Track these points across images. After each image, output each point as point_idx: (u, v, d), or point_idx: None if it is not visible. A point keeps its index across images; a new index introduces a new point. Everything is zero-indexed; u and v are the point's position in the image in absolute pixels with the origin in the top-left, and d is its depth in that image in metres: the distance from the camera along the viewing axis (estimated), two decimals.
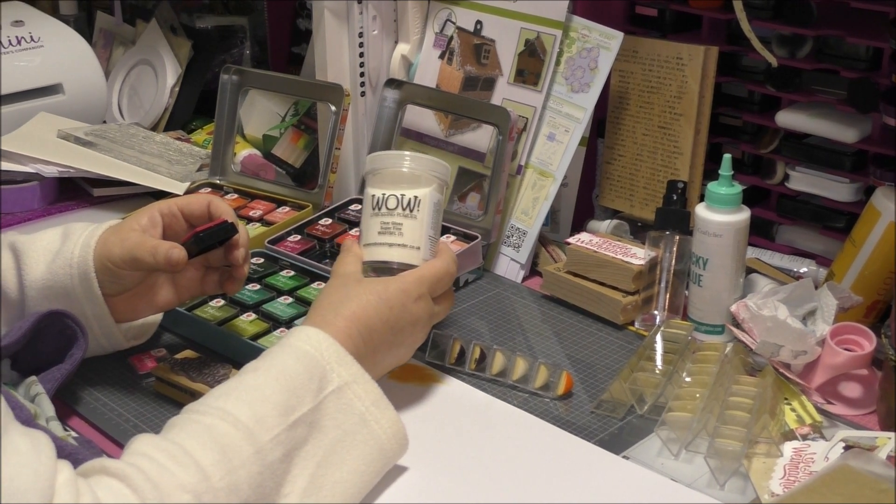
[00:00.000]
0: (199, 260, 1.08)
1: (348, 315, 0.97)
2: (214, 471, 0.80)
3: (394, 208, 1.04)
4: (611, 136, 1.38)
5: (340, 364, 0.92)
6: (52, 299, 1.05)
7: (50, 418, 0.96)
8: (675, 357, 1.08)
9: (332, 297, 0.99)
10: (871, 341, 1.06)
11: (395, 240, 1.04)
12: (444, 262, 1.06)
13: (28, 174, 1.50)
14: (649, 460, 0.97)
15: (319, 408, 0.89)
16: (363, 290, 1.00)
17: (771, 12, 1.23)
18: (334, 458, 0.89)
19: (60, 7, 1.89)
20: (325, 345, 0.93)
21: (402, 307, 1.00)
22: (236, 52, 1.82)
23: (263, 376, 0.89)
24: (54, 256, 1.05)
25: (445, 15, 1.44)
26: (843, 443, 0.93)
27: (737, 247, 1.14)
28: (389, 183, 1.05)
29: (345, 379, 0.91)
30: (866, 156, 1.23)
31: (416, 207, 1.04)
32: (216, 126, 1.49)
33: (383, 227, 1.04)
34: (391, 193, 1.04)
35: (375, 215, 1.05)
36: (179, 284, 1.08)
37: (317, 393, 0.89)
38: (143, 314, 1.09)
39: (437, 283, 1.04)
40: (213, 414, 0.84)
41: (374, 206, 1.05)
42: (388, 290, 1.00)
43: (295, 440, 0.86)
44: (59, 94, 1.66)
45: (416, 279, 1.03)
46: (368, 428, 0.91)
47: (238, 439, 0.83)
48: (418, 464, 0.96)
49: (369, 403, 0.92)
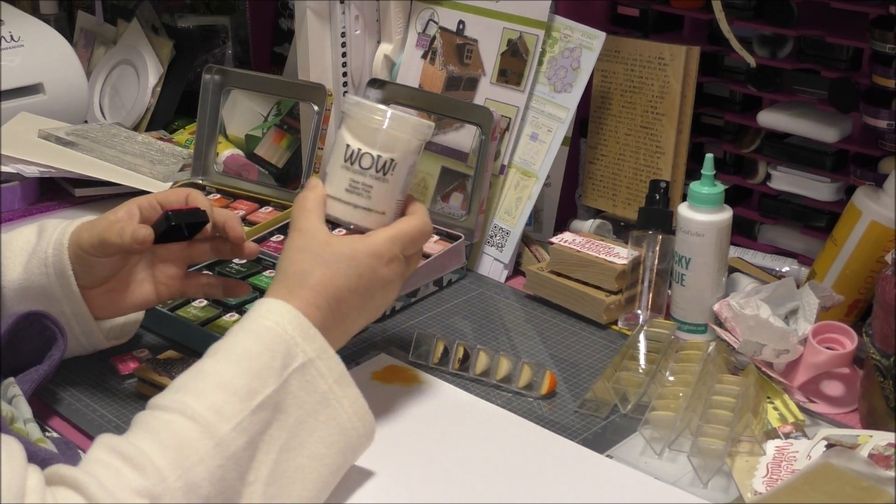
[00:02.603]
0: (181, 255, 1.07)
1: (314, 285, 0.93)
2: (171, 470, 0.78)
3: (367, 168, 0.98)
4: (593, 135, 1.38)
5: (305, 339, 0.89)
6: (29, 300, 1.04)
7: (27, 420, 0.96)
8: (659, 356, 1.08)
9: (296, 263, 0.94)
10: (853, 340, 1.06)
11: (361, 202, 0.99)
12: (418, 220, 1.00)
13: (8, 174, 1.49)
14: (633, 459, 0.98)
15: (283, 387, 0.86)
16: (330, 255, 0.94)
17: (752, 12, 1.23)
18: (295, 442, 0.86)
19: (41, 6, 1.88)
20: (287, 318, 0.89)
21: (373, 272, 0.96)
22: (218, 51, 1.82)
23: (223, 360, 0.86)
24: (29, 256, 1.04)
25: (428, 15, 1.44)
26: (825, 441, 0.94)
27: (719, 246, 1.14)
28: (366, 136, 0.99)
29: (309, 355, 0.88)
30: (847, 155, 1.23)
31: (391, 171, 0.99)
32: (198, 126, 1.49)
33: (352, 185, 0.99)
34: (367, 151, 0.98)
35: (346, 168, 0.99)
36: (158, 281, 1.07)
37: (280, 371, 0.86)
38: (122, 310, 1.08)
39: (411, 243, 0.99)
40: (171, 408, 0.83)
41: (346, 156, 0.99)
42: (357, 255, 0.95)
43: (258, 424, 0.84)
44: (40, 93, 1.65)
45: (388, 239, 0.97)
46: (330, 408, 0.89)
47: (196, 434, 0.81)
48: (401, 464, 0.96)
49: (332, 381, 0.89)
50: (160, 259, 1.07)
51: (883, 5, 1.13)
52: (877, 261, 1.12)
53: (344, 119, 1.01)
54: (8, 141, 1.52)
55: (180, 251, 1.07)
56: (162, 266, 1.07)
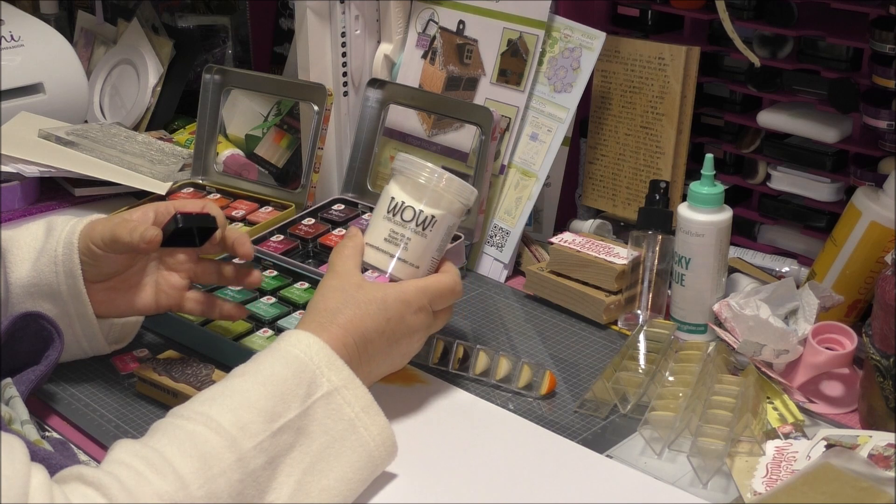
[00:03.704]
0: (187, 268, 1.07)
1: (344, 323, 0.95)
2: (193, 479, 0.79)
3: (409, 221, 1.02)
4: (593, 136, 1.38)
5: (331, 369, 0.91)
6: (36, 297, 1.05)
7: (24, 422, 0.95)
8: (658, 356, 1.08)
9: (328, 301, 0.97)
10: (853, 340, 1.06)
11: (398, 252, 1.02)
12: (449, 278, 1.03)
13: (8, 174, 1.49)
14: (632, 459, 0.98)
15: (307, 413, 0.88)
16: (362, 297, 0.98)
17: (752, 13, 1.23)
18: (321, 465, 0.88)
19: (41, 6, 1.88)
20: (315, 349, 0.92)
21: (401, 318, 0.99)
22: (218, 51, 1.82)
23: (251, 381, 0.88)
24: (38, 254, 1.05)
25: (428, 15, 1.44)
26: (824, 441, 0.94)
27: (719, 246, 1.14)
28: (412, 191, 1.02)
29: (335, 384, 0.90)
30: (847, 156, 1.23)
31: (430, 227, 1.02)
32: (198, 126, 1.49)
33: (392, 235, 1.02)
34: (410, 205, 1.02)
35: (388, 220, 1.02)
36: (161, 288, 1.07)
37: (304, 398, 0.88)
38: (119, 310, 1.07)
39: (440, 298, 1.02)
40: (196, 420, 0.84)
41: (389, 208, 1.03)
42: (387, 300, 0.98)
43: (280, 447, 0.86)
44: (40, 93, 1.65)
45: (418, 290, 1.00)
46: (357, 434, 0.90)
47: (220, 447, 0.82)
48: (401, 464, 0.96)
49: (359, 409, 0.91)
50: (167, 267, 1.08)
51: (883, 5, 1.13)
52: (877, 261, 1.12)
53: (393, 174, 1.04)
54: (8, 141, 1.52)
55: (188, 263, 1.08)
56: (167, 275, 1.08)
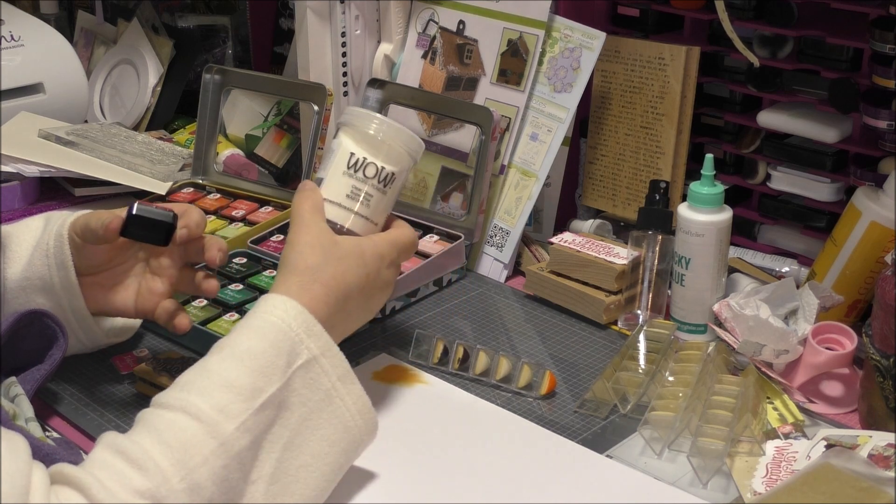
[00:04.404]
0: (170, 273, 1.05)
1: (326, 280, 0.94)
2: (174, 471, 0.79)
3: (371, 177, 1.00)
4: (593, 136, 1.38)
5: (309, 335, 0.89)
6: (30, 291, 1.05)
7: (29, 419, 0.96)
8: (658, 356, 1.08)
9: (307, 258, 0.94)
10: (853, 340, 1.06)
11: (360, 209, 1.01)
12: (409, 231, 1.04)
13: (8, 174, 1.49)
14: (632, 459, 0.98)
15: (287, 385, 0.87)
16: (341, 252, 0.96)
17: (752, 13, 1.23)
18: (298, 440, 0.87)
19: (41, 6, 1.88)
20: (293, 314, 0.89)
21: (377, 272, 0.98)
22: (218, 51, 1.82)
23: (229, 359, 0.86)
24: (34, 249, 1.05)
25: (428, 15, 1.44)
26: (824, 441, 0.94)
27: (719, 246, 1.14)
28: (368, 146, 1.01)
29: (313, 352, 0.89)
30: (847, 156, 1.23)
31: (391, 184, 1.02)
32: (198, 126, 1.49)
33: (354, 191, 1.00)
34: (372, 161, 1.01)
35: (349, 175, 1.00)
36: (141, 292, 1.06)
37: (285, 369, 0.87)
38: (102, 307, 1.07)
39: (405, 250, 1.03)
40: (175, 406, 0.83)
41: (350, 164, 1.01)
42: (364, 255, 0.97)
43: (262, 424, 0.84)
44: (40, 93, 1.65)
45: (390, 242, 1.00)
46: (333, 405, 0.89)
47: (201, 434, 0.81)
48: (402, 464, 0.96)
49: (335, 378, 0.89)
50: (152, 270, 1.06)
51: (883, 5, 1.13)
52: (877, 261, 1.12)
53: (343, 128, 1.02)
54: (8, 141, 1.51)
55: (171, 269, 1.06)
56: (150, 278, 1.06)
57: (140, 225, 1.01)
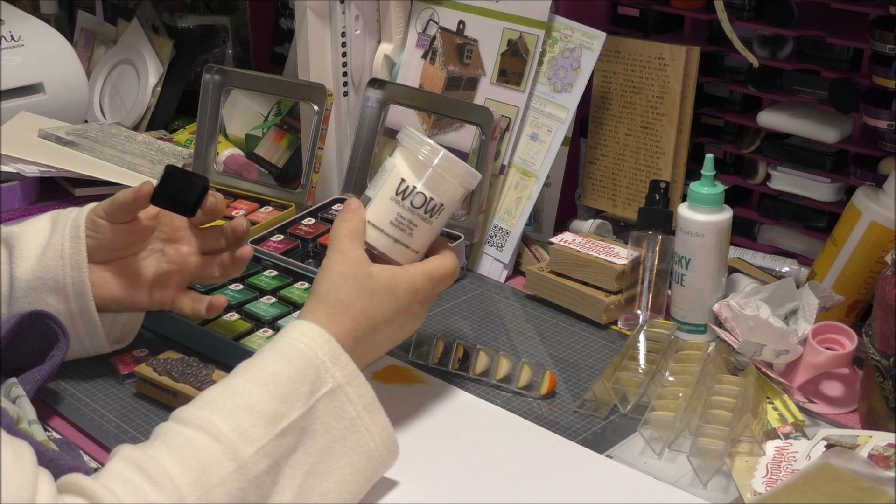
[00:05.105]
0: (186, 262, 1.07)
1: (356, 315, 0.93)
2: (191, 491, 0.78)
3: (418, 207, 0.98)
4: (593, 136, 1.38)
5: (335, 364, 0.89)
6: (41, 291, 1.05)
7: (32, 421, 0.96)
8: (658, 356, 1.08)
9: (340, 290, 0.94)
10: (853, 340, 1.06)
11: (403, 238, 0.99)
12: (450, 261, 1.01)
13: (8, 174, 1.49)
14: (632, 459, 0.98)
15: (311, 412, 0.86)
16: (374, 286, 0.95)
17: (752, 13, 1.23)
18: (322, 467, 0.87)
19: (41, 6, 1.88)
20: (320, 342, 0.89)
21: (408, 307, 0.97)
22: (218, 51, 1.82)
23: (253, 381, 0.86)
24: (44, 249, 1.05)
25: (428, 15, 1.44)
26: (824, 441, 0.94)
27: (719, 246, 1.14)
28: (420, 174, 0.99)
29: (338, 381, 0.89)
30: (847, 156, 1.23)
31: (437, 215, 1.00)
32: (198, 126, 1.49)
33: (398, 220, 0.98)
34: (421, 191, 0.98)
35: (396, 202, 0.98)
36: (157, 281, 1.07)
37: (308, 396, 0.87)
38: (115, 296, 1.07)
39: (441, 283, 1.00)
40: (196, 425, 0.82)
41: (399, 190, 0.98)
42: (398, 290, 0.96)
43: (283, 449, 0.84)
44: (40, 93, 1.65)
45: (425, 276, 0.98)
46: (357, 434, 0.89)
47: (219, 455, 0.81)
48: (401, 464, 0.96)
49: (360, 408, 0.89)
50: (168, 259, 1.08)
51: (883, 6, 1.13)
52: (877, 261, 1.12)
53: (399, 148, 1.00)
54: (8, 141, 1.52)
55: (189, 257, 1.07)
56: (167, 267, 1.08)
57: (173, 187, 1.02)
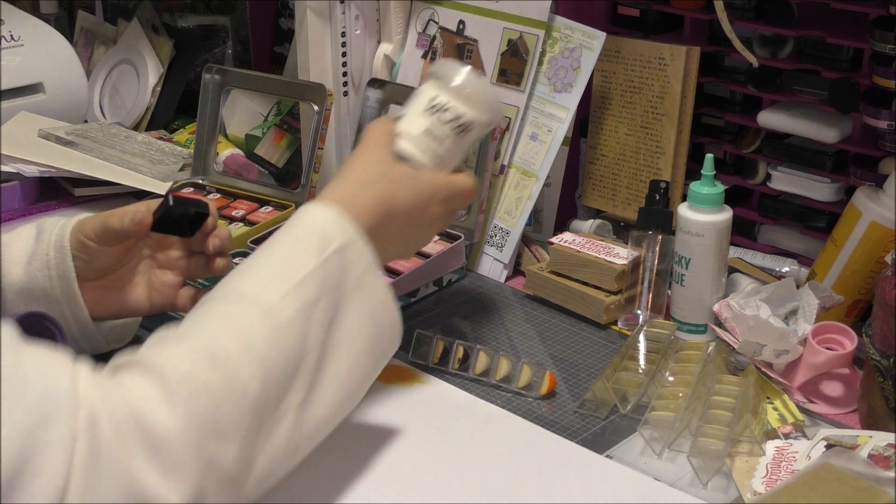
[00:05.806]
0: (179, 264, 1.08)
1: (375, 195, 0.95)
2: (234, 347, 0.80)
3: (449, 121, 1.00)
4: (593, 136, 1.38)
5: (342, 227, 0.91)
6: (30, 300, 1.04)
7: None
8: (658, 356, 1.08)
9: (363, 172, 0.96)
10: (853, 340, 1.06)
11: (434, 147, 1.00)
12: (471, 179, 1.03)
13: (8, 174, 1.49)
14: (632, 459, 0.98)
15: (325, 266, 0.88)
16: (396, 172, 0.97)
17: (752, 13, 1.23)
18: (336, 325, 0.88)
19: (41, 6, 1.88)
20: (330, 213, 0.91)
21: (427, 203, 0.99)
22: (218, 51, 1.82)
23: (261, 252, 0.90)
24: (29, 258, 1.04)
25: (428, 15, 1.44)
26: (824, 441, 0.94)
27: (719, 246, 1.14)
28: (450, 91, 1.01)
29: (346, 238, 0.90)
30: (847, 156, 1.23)
31: (467, 132, 1.02)
32: (198, 126, 1.49)
33: (428, 130, 1.00)
34: (452, 105, 1.01)
35: (426, 115, 1.01)
36: (153, 287, 1.08)
37: (319, 252, 0.88)
38: (112, 310, 1.08)
39: (461, 196, 1.02)
40: (219, 295, 0.86)
41: (430, 105, 1.01)
42: (419, 181, 0.98)
43: (305, 297, 0.85)
44: (40, 93, 1.65)
45: (448, 184, 1.00)
46: (362, 292, 0.90)
47: (246, 308, 0.84)
48: (401, 464, 0.96)
49: (364, 267, 0.91)
50: (159, 264, 1.08)
51: (883, 5, 1.13)
52: (877, 261, 1.12)
53: (430, 77, 1.03)
54: (8, 141, 1.52)
55: (181, 260, 1.08)
56: (160, 272, 1.08)
57: (174, 216, 1.02)
